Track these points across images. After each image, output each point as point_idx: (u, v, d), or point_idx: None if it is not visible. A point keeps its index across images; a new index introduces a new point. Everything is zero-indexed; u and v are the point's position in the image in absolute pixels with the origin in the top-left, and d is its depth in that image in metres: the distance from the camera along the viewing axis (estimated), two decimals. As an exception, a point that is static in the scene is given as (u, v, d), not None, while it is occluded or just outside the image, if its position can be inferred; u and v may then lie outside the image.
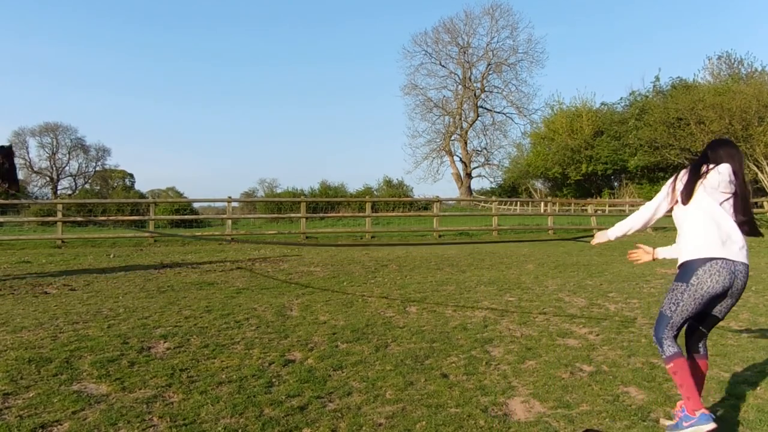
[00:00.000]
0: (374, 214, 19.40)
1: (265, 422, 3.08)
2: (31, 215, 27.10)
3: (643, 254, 3.39)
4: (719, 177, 2.85)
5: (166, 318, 5.61)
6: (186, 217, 25.55)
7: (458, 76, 54.17)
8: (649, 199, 3.54)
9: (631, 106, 43.27)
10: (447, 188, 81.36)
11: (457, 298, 6.81)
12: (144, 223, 18.98)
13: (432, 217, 19.23)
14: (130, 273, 9.17)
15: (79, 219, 21.34)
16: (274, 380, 3.78)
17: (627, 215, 4.15)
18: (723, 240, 2.79)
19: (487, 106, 54.87)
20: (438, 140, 54.80)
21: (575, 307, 6.30)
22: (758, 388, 3.65)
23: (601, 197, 42.74)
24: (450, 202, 36.40)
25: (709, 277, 2.77)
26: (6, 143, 10.37)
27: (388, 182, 45.51)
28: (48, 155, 59.19)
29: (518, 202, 40.21)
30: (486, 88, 54.31)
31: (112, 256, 12.14)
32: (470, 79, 53.79)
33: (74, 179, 61.59)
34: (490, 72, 53.84)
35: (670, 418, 3.13)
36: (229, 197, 17.26)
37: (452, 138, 54.80)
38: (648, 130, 36.10)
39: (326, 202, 26.19)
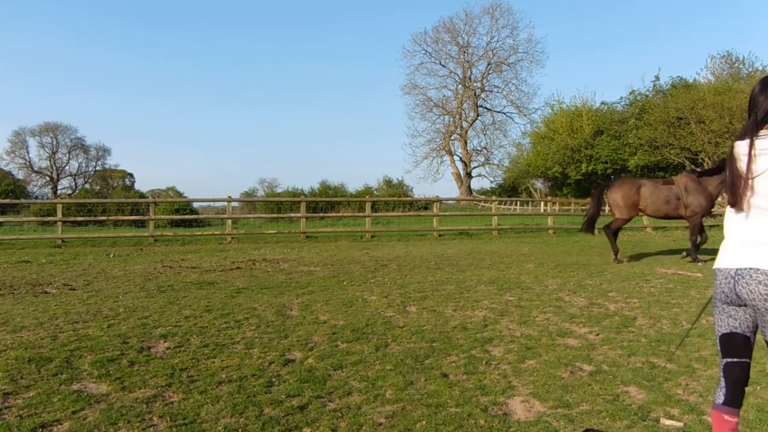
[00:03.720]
0: (374, 214, 19.40)
1: (265, 422, 3.08)
2: (30, 215, 27.11)
3: None
4: None
5: (166, 318, 5.61)
6: (186, 216, 25.55)
7: (458, 75, 54.20)
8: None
9: (631, 106, 43.20)
10: (447, 188, 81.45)
11: (457, 297, 6.80)
12: (144, 223, 18.97)
13: (432, 216, 19.23)
14: (130, 272, 9.16)
15: (79, 219, 21.34)
16: (274, 380, 3.78)
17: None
18: None
19: (487, 106, 54.91)
20: (438, 140, 54.83)
21: (575, 306, 6.30)
22: (758, 387, 3.64)
23: (601, 197, 42.63)
24: (450, 201, 36.37)
25: None
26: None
27: (388, 182, 45.58)
28: (48, 155, 59.20)
29: (518, 202, 40.19)
30: (486, 88, 54.31)
31: (111, 255, 12.14)
32: (470, 79, 53.79)
33: (74, 179, 61.61)
34: (490, 71, 53.85)
35: (670, 418, 3.13)
36: (229, 197, 17.25)
37: (452, 137, 54.80)
38: (648, 129, 36.05)
39: (326, 201, 26.22)
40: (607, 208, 12.27)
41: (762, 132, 2.18)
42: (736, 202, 2.24)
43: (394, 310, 6.04)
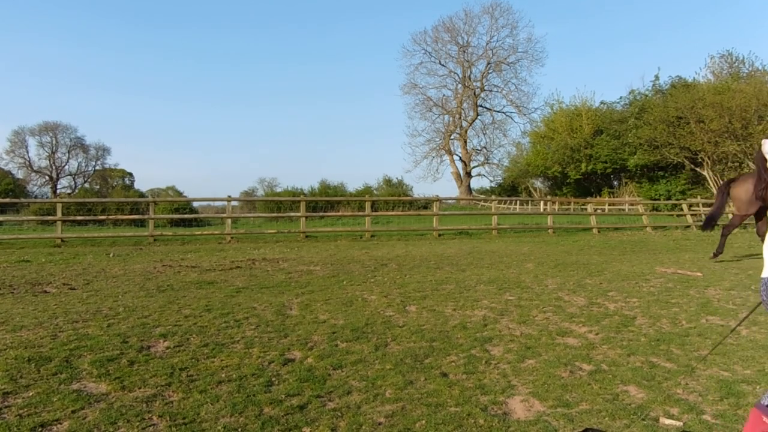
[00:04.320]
0: (374, 213, 19.39)
1: (265, 421, 3.08)
2: (30, 214, 27.12)
3: None
4: None
5: (165, 317, 5.61)
6: (186, 216, 25.56)
7: (458, 75, 54.20)
8: (649, 198, 3.45)
9: (630, 105, 43.17)
10: (446, 187, 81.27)
11: (457, 297, 6.80)
12: (144, 222, 18.97)
13: (432, 216, 19.24)
14: (130, 272, 9.16)
15: (78, 218, 21.34)
16: (273, 379, 3.78)
17: (627, 214, 4.12)
18: None
19: (487, 105, 54.92)
20: (437, 139, 54.85)
21: (575, 305, 6.30)
22: (758, 386, 3.65)
23: (600, 196, 42.71)
24: (450, 201, 36.40)
25: None
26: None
27: (388, 181, 45.66)
28: (47, 154, 59.21)
29: (518, 201, 40.19)
30: (486, 87, 54.32)
31: (111, 254, 12.14)
32: (470, 78, 53.79)
33: (74, 178, 61.61)
34: (490, 71, 53.86)
35: (670, 417, 3.13)
36: (229, 196, 17.24)
37: (452, 137, 54.81)
38: (648, 129, 36.04)
39: (326, 201, 26.20)
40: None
41: None
42: None
43: (394, 310, 6.04)
